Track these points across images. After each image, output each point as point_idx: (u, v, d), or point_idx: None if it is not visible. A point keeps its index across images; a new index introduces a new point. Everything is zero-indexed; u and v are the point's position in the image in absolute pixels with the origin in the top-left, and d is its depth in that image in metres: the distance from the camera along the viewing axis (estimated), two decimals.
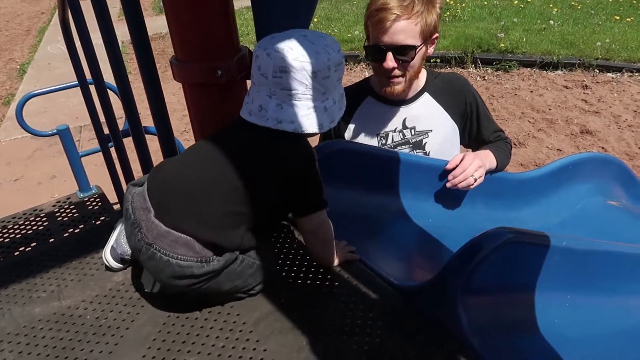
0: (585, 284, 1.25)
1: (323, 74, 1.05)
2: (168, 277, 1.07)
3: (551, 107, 4.84)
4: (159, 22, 7.50)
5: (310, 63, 1.03)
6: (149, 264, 1.08)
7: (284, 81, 1.04)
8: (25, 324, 1.15)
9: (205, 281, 1.07)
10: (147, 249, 1.06)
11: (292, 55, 1.03)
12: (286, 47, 1.04)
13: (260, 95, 1.07)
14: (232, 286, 1.12)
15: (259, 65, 1.07)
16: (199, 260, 1.05)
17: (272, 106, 1.05)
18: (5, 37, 8.94)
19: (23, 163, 4.62)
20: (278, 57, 1.03)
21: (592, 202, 1.82)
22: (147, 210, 1.08)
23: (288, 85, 1.04)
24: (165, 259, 1.04)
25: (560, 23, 6.59)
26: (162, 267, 1.05)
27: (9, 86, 6.61)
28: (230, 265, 1.09)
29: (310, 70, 1.03)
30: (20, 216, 2.02)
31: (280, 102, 1.05)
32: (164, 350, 1.04)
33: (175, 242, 1.04)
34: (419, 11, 1.52)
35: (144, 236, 1.06)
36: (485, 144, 1.77)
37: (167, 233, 1.05)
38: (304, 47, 1.04)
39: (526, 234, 1.12)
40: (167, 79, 1.46)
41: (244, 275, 1.13)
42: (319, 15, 7.87)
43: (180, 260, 1.04)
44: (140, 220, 1.08)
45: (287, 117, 1.05)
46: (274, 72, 1.04)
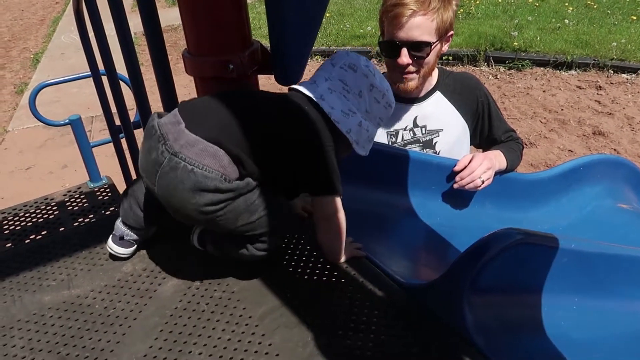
0: (593, 287, 1.24)
1: (377, 95, 1.17)
2: (188, 190, 1.01)
3: (564, 107, 4.80)
4: (172, 14, 7.52)
5: (375, 77, 1.17)
6: (167, 177, 1.02)
7: (346, 75, 1.15)
8: (35, 312, 1.16)
9: (225, 203, 1.03)
10: (171, 160, 1.01)
11: (366, 63, 1.18)
12: (364, 58, 1.20)
13: (317, 75, 1.18)
14: (247, 221, 1.07)
15: (333, 58, 1.19)
16: (223, 176, 1.02)
17: (324, 87, 1.14)
18: (20, 27, 9.02)
19: (35, 152, 4.67)
20: (354, 57, 1.18)
21: (602, 205, 1.81)
22: (177, 123, 1.04)
23: (347, 80, 1.15)
24: (189, 168, 1.00)
25: (576, 22, 6.52)
26: (184, 177, 1.00)
27: (23, 75, 6.68)
28: (249, 192, 1.06)
29: (370, 83, 1.16)
30: (31, 204, 2.05)
31: (332, 89, 1.14)
32: (170, 341, 1.05)
33: (203, 151, 1.01)
34: (436, 7, 1.51)
35: (169, 146, 1.02)
36: (497, 144, 1.76)
37: (197, 141, 1.01)
38: (377, 71, 1.21)
39: (535, 235, 1.12)
40: (178, 71, 1.47)
41: (260, 208, 1.08)
42: (331, 10, 7.85)
43: (206, 170, 1.00)
44: (167, 132, 1.03)
45: (330, 101, 1.13)
46: (342, 64, 1.16)
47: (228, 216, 1.05)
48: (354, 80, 1.16)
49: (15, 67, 7.02)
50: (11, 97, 6.01)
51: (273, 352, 1.02)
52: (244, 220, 1.07)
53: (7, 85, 6.37)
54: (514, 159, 1.70)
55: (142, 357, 1.02)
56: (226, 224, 1.07)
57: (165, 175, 1.02)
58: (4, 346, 1.08)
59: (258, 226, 1.09)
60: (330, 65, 1.19)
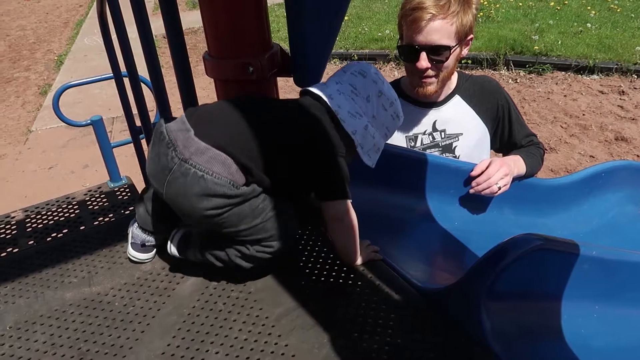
0: (614, 294, 1.22)
1: (384, 102, 1.20)
2: (197, 195, 1.04)
3: (585, 112, 4.73)
4: (192, 17, 7.62)
5: (384, 85, 1.21)
6: (177, 182, 1.05)
7: (356, 80, 1.19)
8: (57, 308, 1.19)
9: (231, 207, 1.06)
10: (181, 166, 1.04)
11: (375, 71, 1.22)
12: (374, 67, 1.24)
13: (329, 79, 1.22)
14: (251, 224, 1.09)
15: (345, 66, 1.24)
16: (232, 182, 1.04)
17: (333, 88, 1.18)
18: (44, 29, 9.22)
19: (57, 151, 4.77)
20: (365, 65, 1.23)
21: (624, 212, 1.77)
22: (186, 130, 1.07)
23: (356, 84, 1.18)
24: (199, 174, 1.03)
25: (598, 26, 6.42)
26: (193, 183, 1.03)
27: (47, 76, 6.82)
28: (255, 197, 1.08)
29: (379, 89, 1.19)
30: (53, 203, 2.09)
31: (341, 91, 1.17)
32: (188, 339, 1.07)
33: (213, 159, 1.04)
34: (455, 11, 1.49)
35: (179, 153, 1.04)
36: (517, 149, 1.73)
37: (207, 149, 1.04)
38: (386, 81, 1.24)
39: (555, 241, 1.10)
40: (198, 73, 1.49)
41: (263, 213, 1.10)
42: (350, 13, 7.86)
43: (216, 177, 1.03)
44: (176, 139, 1.06)
45: (338, 100, 1.15)
46: (353, 71, 1.21)
47: (232, 219, 1.08)
48: (362, 85, 1.19)
49: (40, 68, 7.18)
50: (35, 97, 6.15)
51: (289, 353, 1.02)
52: (246, 224, 1.09)
53: (32, 87, 6.51)
54: (534, 164, 1.68)
55: (160, 354, 1.04)
56: (229, 226, 1.09)
57: (175, 181, 1.05)
58: (26, 341, 1.10)
59: (260, 230, 1.11)
60: (342, 71, 1.23)
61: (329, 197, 1.14)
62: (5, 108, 5.93)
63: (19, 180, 4.34)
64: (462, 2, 1.51)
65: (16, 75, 6.97)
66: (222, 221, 1.08)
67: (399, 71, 6.06)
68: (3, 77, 6.91)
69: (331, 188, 1.13)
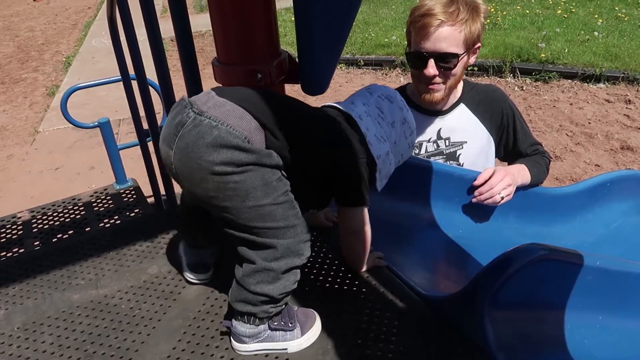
0: (618, 305, 1.22)
1: (407, 130, 1.22)
2: (207, 146, 0.92)
3: (591, 120, 4.72)
4: (200, 21, 7.65)
5: (408, 113, 1.23)
6: (189, 135, 0.94)
7: (383, 104, 1.20)
8: (64, 309, 1.20)
9: (243, 167, 0.94)
10: (195, 119, 0.95)
11: (401, 98, 1.24)
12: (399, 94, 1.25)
13: (354, 98, 1.22)
14: (259, 202, 0.96)
15: (370, 88, 1.24)
16: (247, 139, 0.95)
17: (361, 109, 1.17)
18: (53, 30, 9.29)
19: (64, 153, 4.79)
20: (391, 90, 1.24)
21: (630, 222, 1.77)
22: (207, 93, 1.02)
23: (383, 109, 1.19)
24: (213, 124, 0.94)
25: (605, 35, 6.41)
26: (205, 132, 0.93)
27: (54, 78, 6.87)
28: (270, 167, 0.97)
29: (403, 117, 1.21)
30: (59, 204, 2.11)
31: (369, 113, 1.17)
32: (193, 343, 1.08)
33: (230, 112, 0.96)
34: (464, 19, 1.50)
35: (196, 108, 0.96)
36: (522, 157, 1.74)
37: (225, 103, 0.98)
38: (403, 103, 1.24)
39: (559, 251, 1.11)
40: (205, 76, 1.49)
41: (275, 192, 0.97)
42: (357, 19, 7.85)
43: (231, 128, 0.94)
44: (195, 99, 0.99)
45: (367, 122, 1.14)
46: (380, 94, 1.21)
47: (240, 187, 0.94)
48: (389, 110, 1.20)
49: (48, 69, 7.23)
50: (43, 98, 6.19)
51: (293, 359, 1.03)
52: (254, 200, 0.95)
53: (40, 87, 6.56)
54: (539, 174, 1.68)
55: (166, 357, 1.04)
56: (235, 197, 0.95)
57: (186, 134, 0.95)
58: (34, 341, 1.11)
59: (267, 216, 0.97)
60: (367, 93, 1.22)
61: (348, 201, 1.13)
62: (13, 109, 5.97)
63: (25, 180, 4.37)
64: (471, 10, 1.51)
65: (24, 76, 7.02)
66: (228, 186, 0.94)
67: (405, 77, 6.07)
68: (11, 77, 6.96)
69: (352, 191, 1.11)
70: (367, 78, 6.18)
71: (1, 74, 7.12)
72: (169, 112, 1.03)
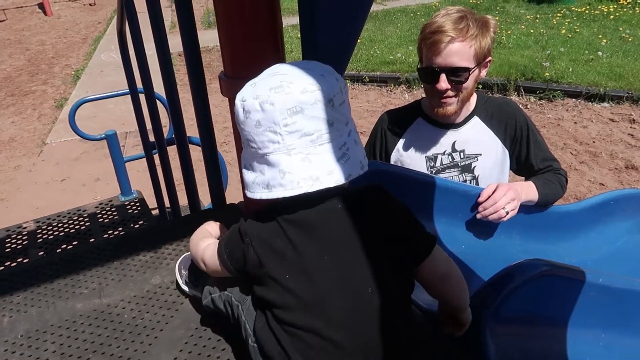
0: (621, 323, 1.21)
1: (338, 99, 0.85)
2: None
3: (595, 139, 4.72)
4: (207, 37, 7.75)
5: (321, 90, 0.83)
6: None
7: (300, 125, 0.82)
8: (67, 318, 1.21)
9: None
10: None
11: (298, 87, 0.82)
12: (284, 83, 0.82)
13: (273, 158, 0.84)
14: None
15: (256, 121, 0.83)
16: None
17: (297, 163, 0.83)
18: (63, 44, 9.42)
19: (70, 164, 4.83)
20: (281, 99, 0.81)
21: (633, 240, 1.77)
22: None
23: (307, 128, 0.82)
24: None
25: (609, 54, 6.44)
26: None
27: (63, 90, 6.96)
28: None
29: (325, 98, 0.83)
30: (64, 215, 2.13)
31: (305, 154, 0.83)
32: (194, 354, 1.08)
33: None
34: (474, 34, 1.53)
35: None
36: (534, 172, 1.73)
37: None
38: (304, 76, 0.85)
39: (561, 267, 1.11)
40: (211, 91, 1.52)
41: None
42: (362, 36, 7.96)
43: None
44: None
45: (321, 169, 0.83)
46: (283, 120, 0.81)
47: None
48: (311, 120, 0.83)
49: (57, 82, 7.32)
50: (51, 111, 6.26)
51: None
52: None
53: (48, 100, 6.64)
54: (550, 191, 1.66)
55: None
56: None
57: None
58: (37, 349, 1.12)
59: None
60: (270, 134, 0.84)
61: (430, 248, 0.92)
62: (21, 120, 6.04)
63: (31, 191, 4.41)
64: (481, 26, 1.55)
65: (34, 88, 7.11)
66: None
67: (409, 94, 6.11)
68: (21, 90, 7.05)
69: (425, 237, 0.92)
70: (372, 94, 6.23)
71: (11, 86, 7.21)
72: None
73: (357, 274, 0.85)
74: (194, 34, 1.48)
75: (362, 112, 5.57)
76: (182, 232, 1.50)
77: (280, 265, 0.87)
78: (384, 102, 5.91)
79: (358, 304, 0.85)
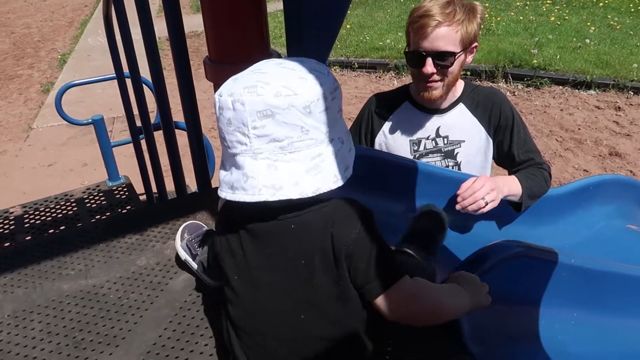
0: (592, 303, 1.26)
1: (318, 106, 0.80)
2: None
3: (581, 126, 4.78)
4: (196, 21, 7.66)
5: (298, 95, 0.78)
6: None
7: (270, 130, 0.79)
8: (54, 298, 1.23)
9: None
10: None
11: (271, 90, 0.78)
12: (259, 83, 0.79)
13: (240, 159, 0.81)
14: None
15: (227, 119, 0.81)
16: None
17: (262, 169, 0.80)
18: (49, 28, 9.28)
19: (57, 149, 4.80)
20: (252, 100, 0.78)
21: (612, 225, 1.81)
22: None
23: (276, 134, 0.79)
24: None
25: (597, 42, 6.49)
26: None
27: (50, 75, 6.87)
28: None
29: (300, 104, 0.78)
30: (51, 200, 2.13)
31: (272, 160, 0.80)
32: (179, 332, 1.11)
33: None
34: (460, 19, 1.56)
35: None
36: (515, 163, 1.73)
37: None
38: (283, 77, 0.81)
39: (535, 249, 1.15)
40: (199, 76, 1.52)
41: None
42: (352, 22, 7.93)
43: None
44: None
45: (286, 179, 0.79)
46: (252, 122, 0.78)
47: None
48: (282, 125, 0.79)
49: (43, 66, 7.23)
50: (38, 95, 6.19)
51: None
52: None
53: (35, 84, 6.56)
54: (534, 185, 1.66)
55: (152, 345, 1.08)
56: None
57: None
58: (23, 329, 1.14)
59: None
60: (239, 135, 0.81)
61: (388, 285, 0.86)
62: (7, 105, 5.97)
63: (18, 176, 4.38)
64: (468, 11, 1.57)
65: (20, 72, 7.01)
66: None
67: (398, 80, 6.12)
68: (6, 74, 6.96)
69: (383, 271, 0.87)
70: (361, 81, 6.23)
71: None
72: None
73: (299, 296, 0.86)
74: (179, 18, 1.49)
75: (351, 99, 5.57)
76: (169, 216, 1.51)
77: (233, 265, 0.90)
78: (373, 88, 5.92)
79: (295, 326, 0.87)
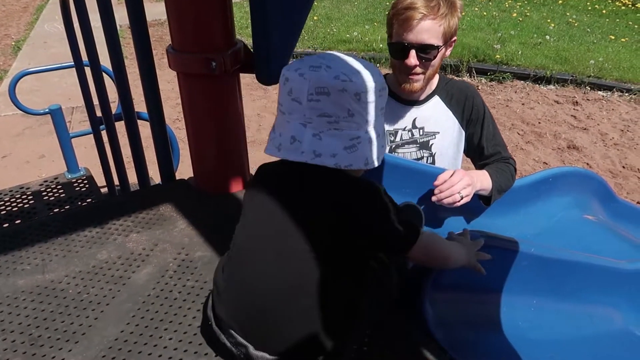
0: (551, 290, 1.30)
1: (367, 97, 0.92)
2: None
3: (541, 120, 4.93)
4: (160, 9, 7.48)
5: (353, 82, 0.91)
6: None
7: (322, 105, 0.90)
8: (8, 294, 1.18)
9: None
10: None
11: (332, 73, 0.91)
12: (323, 64, 0.92)
13: (291, 124, 0.92)
14: None
15: (289, 88, 0.92)
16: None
17: (308, 136, 0.91)
18: (1, 13, 8.87)
19: (12, 140, 4.60)
20: (314, 77, 0.90)
21: (570, 215, 1.87)
22: (244, 346, 0.95)
23: (327, 110, 0.90)
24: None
25: (556, 39, 6.69)
26: None
27: (2, 62, 6.57)
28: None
29: (353, 91, 0.90)
30: (6, 193, 2.04)
31: (318, 131, 0.91)
32: (142, 326, 1.08)
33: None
34: (444, 13, 1.57)
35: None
36: (484, 156, 1.77)
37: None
38: (344, 65, 0.93)
39: (497, 238, 1.17)
40: (163, 66, 1.48)
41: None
42: (319, 13, 7.91)
43: None
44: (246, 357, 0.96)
45: (326, 149, 0.90)
46: (309, 95, 0.90)
47: None
48: (333, 104, 0.90)
49: None
50: None
51: None
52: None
53: None
54: (502, 181, 1.70)
55: (114, 340, 1.05)
56: None
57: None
58: None
59: None
60: (295, 103, 0.92)
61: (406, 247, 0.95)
62: None
63: None
64: (450, 6, 1.60)
65: None
66: None
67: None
68: None
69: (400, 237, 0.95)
70: None
71: None
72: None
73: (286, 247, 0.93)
74: (140, 5, 1.44)
75: None
76: (131, 208, 1.47)
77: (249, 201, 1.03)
78: None
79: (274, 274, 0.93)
